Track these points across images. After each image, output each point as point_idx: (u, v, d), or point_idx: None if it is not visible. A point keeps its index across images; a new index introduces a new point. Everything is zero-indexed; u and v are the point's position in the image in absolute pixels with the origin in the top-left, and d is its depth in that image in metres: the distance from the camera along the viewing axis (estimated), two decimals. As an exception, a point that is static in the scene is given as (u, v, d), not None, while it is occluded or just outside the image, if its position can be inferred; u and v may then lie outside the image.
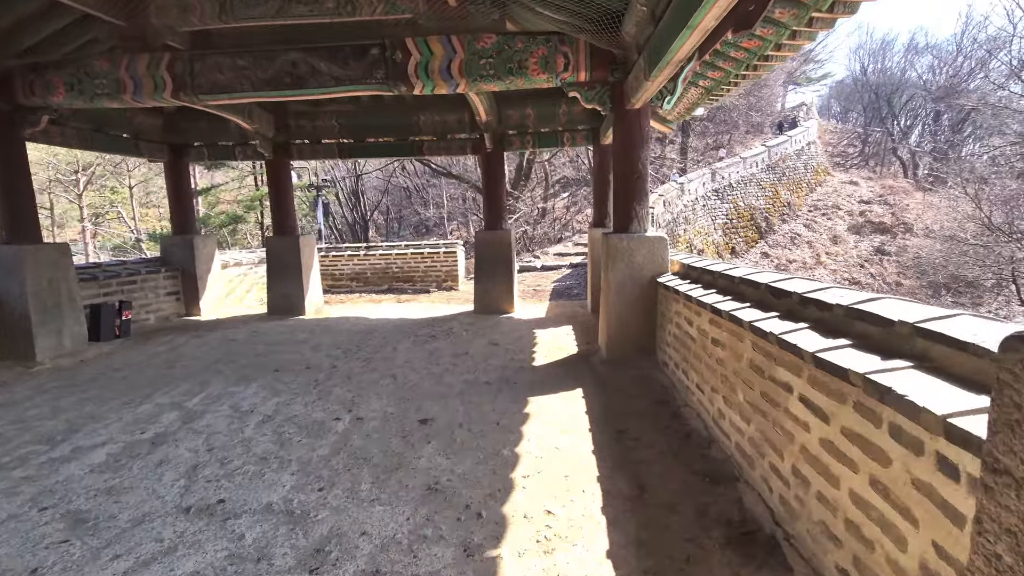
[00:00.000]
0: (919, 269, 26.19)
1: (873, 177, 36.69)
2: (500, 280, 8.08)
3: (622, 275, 5.43)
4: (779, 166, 30.33)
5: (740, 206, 26.56)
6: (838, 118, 53.57)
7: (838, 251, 27.29)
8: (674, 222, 21.43)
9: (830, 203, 30.98)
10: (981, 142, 40.14)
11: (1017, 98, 34.79)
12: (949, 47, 42.10)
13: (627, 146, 5.44)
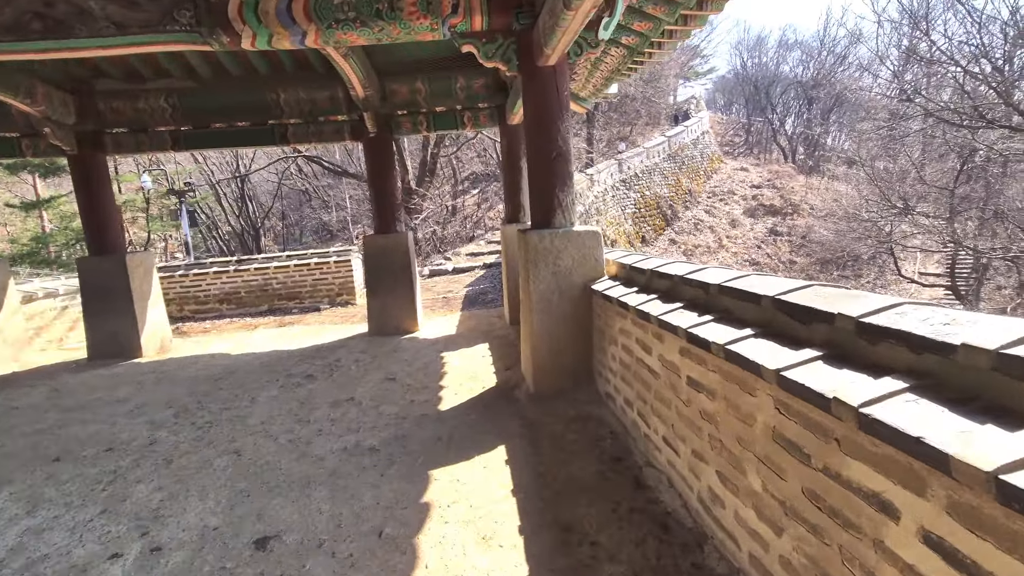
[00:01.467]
0: (808, 248, 27.52)
1: (760, 163, 38.53)
2: (399, 294, 6.51)
3: (547, 284, 4.10)
4: (678, 155, 30.77)
5: (647, 195, 26.50)
6: (723, 110, 56.30)
7: (737, 234, 28.06)
8: (587, 213, 20.70)
9: (726, 189, 31.95)
10: (847, 128, 43.51)
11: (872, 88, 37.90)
12: (814, 43, 45.24)
13: (542, 115, 4.10)
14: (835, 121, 46.23)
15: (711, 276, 2.77)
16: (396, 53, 6.20)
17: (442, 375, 5.05)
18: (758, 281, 2.42)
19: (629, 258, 4.12)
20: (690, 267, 3.21)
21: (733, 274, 2.71)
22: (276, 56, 6.08)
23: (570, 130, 4.29)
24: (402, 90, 6.44)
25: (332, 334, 7.18)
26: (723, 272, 2.82)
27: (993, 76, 17.73)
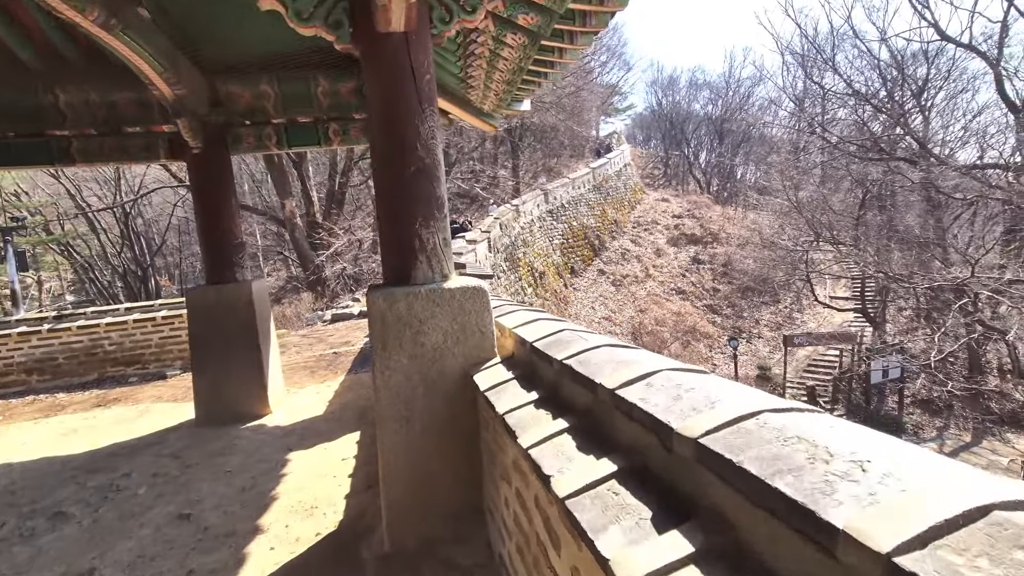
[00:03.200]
0: (730, 275, 27.71)
1: (679, 194, 39.29)
2: (238, 367, 4.68)
3: (404, 375, 2.52)
4: (603, 186, 30.52)
5: (574, 225, 25.75)
6: (642, 144, 57.97)
7: (662, 263, 27.86)
8: (513, 245, 19.49)
9: (649, 219, 31.99)
10: (756, 161, 45.65)
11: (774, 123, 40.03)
12: (721, 83, 47.57)
13: (391, 108, 2.57)
14: (744, 154, 48.49)
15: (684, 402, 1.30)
16: (234, 45, 4.55)
17: (268, 503, 3.27)
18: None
19: (534, 328, 2.63)
20: (629, 353, 1.75)
21: (725, 392, 1.26)
22: (48, 42, 4.25)
23: (439, 136, 2.79)
24: (244, 94, 4.75)
25: (155, 420, 5.17)
26: (707, 386, 1.36)
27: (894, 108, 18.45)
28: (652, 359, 1.79)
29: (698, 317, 23.37)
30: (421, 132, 2.58)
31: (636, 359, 1.77)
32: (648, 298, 23.80)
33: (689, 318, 22.71)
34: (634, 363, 1.71)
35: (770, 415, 1.14)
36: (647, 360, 1.76)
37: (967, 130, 21.07)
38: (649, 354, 1.92)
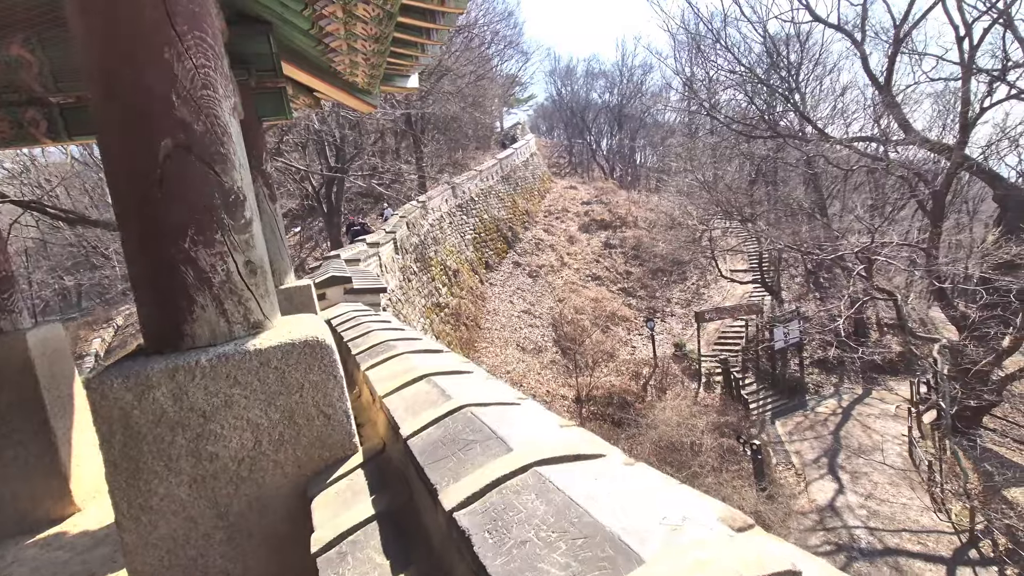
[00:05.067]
0: (641, 258, 28.14)
1: (585, 181, 39.64)
2: (17, 453, 3.21)
3: (182, 517, 1.38)
4: (512, 177, 29.84)
5: (485, 219, 24.82)
6: (546, 134, 58.22)
7: (576, 250, 27.71)
8: (423, 244, 18.19)
9: (560, 207, 31.82)
10: (654, 146, 47.17)
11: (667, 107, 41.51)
12: (615, 72, 48.59)
13: (112, 30, 1.40)
14: (642, 139, 50.01)
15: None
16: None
17: None
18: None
19: (418, 395, 1.59)
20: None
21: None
22: None
23: (232, 94, 1.64)
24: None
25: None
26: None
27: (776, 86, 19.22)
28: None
29: (615, 301, 23.39)
30: (180, 77, 1.42)
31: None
32: (566, 287, 23.46)
33: (607, 303, 22.64)
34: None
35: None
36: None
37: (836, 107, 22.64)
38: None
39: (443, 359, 2.24)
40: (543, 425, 1.38)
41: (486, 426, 1.32)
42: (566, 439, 1.22)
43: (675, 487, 0.97)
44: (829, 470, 15.24)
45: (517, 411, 1.50)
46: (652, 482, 1.00)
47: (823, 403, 19.36)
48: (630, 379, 17.97)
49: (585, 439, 1.24)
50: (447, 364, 2.11)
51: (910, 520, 12.84)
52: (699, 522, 0.79)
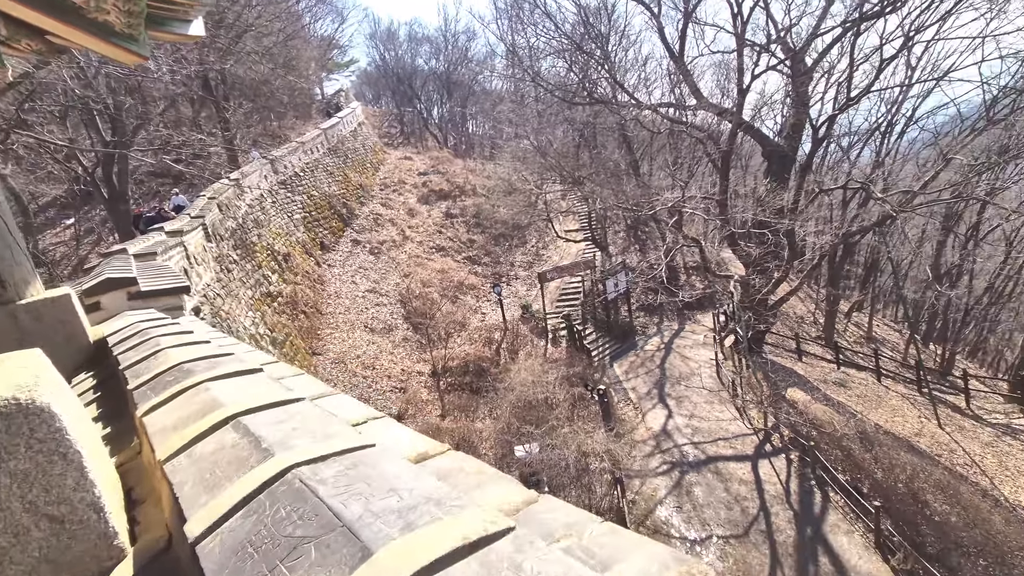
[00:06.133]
0: (482, 225, 28.41)
1: (420, 151, 38.55)
2: None
3: None
4: (340, 149, 27.66)
5: (315, 195, 22.69)
6: (373, 103, 55.13)
7: (417, 223, 26.95)
8: (242, 228, 15.91)
9: (396, 179, 30.53)
10: (484, 113, 47.43)
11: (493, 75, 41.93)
12: (439, 37, 47.42)
13: None
14: (473, 107, 50.00)
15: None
16: None
17: None
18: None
19: (219, 450, 1.08)
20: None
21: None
22: None
23: None
24: None
25: None
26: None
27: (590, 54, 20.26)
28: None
29: (461, 271, 23.36)
30: None
31: None
32: (410, 261, 22.73)
33: (453, 273, 22.50)
34: None
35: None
36: None
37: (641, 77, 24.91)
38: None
39: (260, 384, 1.70)
40: (417, 481, 1.00)
41: (324, 505, 0.90)
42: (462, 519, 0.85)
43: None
44: (659, 399, 17.29)
45: (372, 460, 1.09)
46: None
47: (649, 341, 21.85)
48: (483, 346, 18.21)
49: (489, 512, 0.88)
50: (265, 392, 1.59)
51: (723, 430, 15.18)
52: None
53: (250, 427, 1.31)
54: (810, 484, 12.60)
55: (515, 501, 1.13)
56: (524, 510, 1.10)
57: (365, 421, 1.67)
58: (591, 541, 0.96)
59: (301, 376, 2.23)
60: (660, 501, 12.68)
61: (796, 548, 10.92)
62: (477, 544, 0.77)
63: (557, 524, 1.03)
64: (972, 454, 14.21)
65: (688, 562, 0.88)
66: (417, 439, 1.52)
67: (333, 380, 14.54)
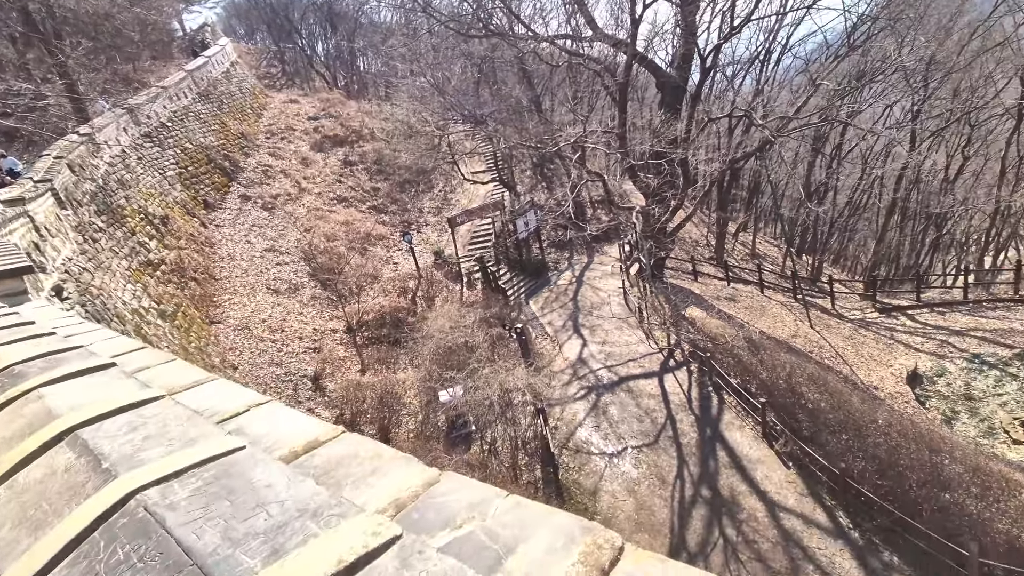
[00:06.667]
0: (385, 172, 26.98)
1: (307, 93, 35.26)
2: None
3: None
4: (212, 93, 24.55)
5: (189, 148, 20.19)
6: (246, 39, 49.11)
7: (313, 173, 25.04)
8: (103, 190, 13.84)
9: (283, 126, 27.86)
10: (376, 51, 43.88)
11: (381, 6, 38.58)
12: (315, -38, 42.34)
13: None
14: (362, 41, 46.03)
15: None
16: None
17: None
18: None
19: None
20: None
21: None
22: None
23: None
24: None
25: None
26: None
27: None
28: None
29: (367, 221, 22.29)
30: None
31: None
32: (310, 215, 21.26)
33: (359, 225, 21.42)
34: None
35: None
36: None
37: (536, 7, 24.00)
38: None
39: (111, 383, 1.42)
40: (292, 489, 0.85)
41: (172, 538, 0.73)
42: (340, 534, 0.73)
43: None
44: (574, 330, 18.07)
45: (240, 468, 0.92)
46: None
47: (562, 276, 22.52)
48: (398, 296, 17.80)
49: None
50: (116, 393, 1.33)
51: (632, 352, 16.26)
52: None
53: (90, 443, 1.08)
54: (708, 391, 13.97)
55: (414, 485, 1.04)
56: (424, 495, 1.01)
57: (247, 410, 1.48)
58: (495, 521, 0.89)
59: (171, 363, 1.95)
60: (580, 423, 13.52)
61: (698, 447, 12.21)
62: (355, 567, 0.65)
63: (459, 506, 0.95)
64: (836, 348, 16.41)
65: (594, 531, 0.83)
66: (308, 424, 1.37)
67: (239, 348, 13.61)
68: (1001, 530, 8.33)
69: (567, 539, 0.82)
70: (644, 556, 0.78)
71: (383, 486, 1.04)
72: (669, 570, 0.74)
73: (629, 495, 11.13)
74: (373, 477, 1.08)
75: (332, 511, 0.78)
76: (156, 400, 1.31)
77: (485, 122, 23.66)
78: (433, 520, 0.91)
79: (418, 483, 1.04)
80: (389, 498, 0.99)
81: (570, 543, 0.81)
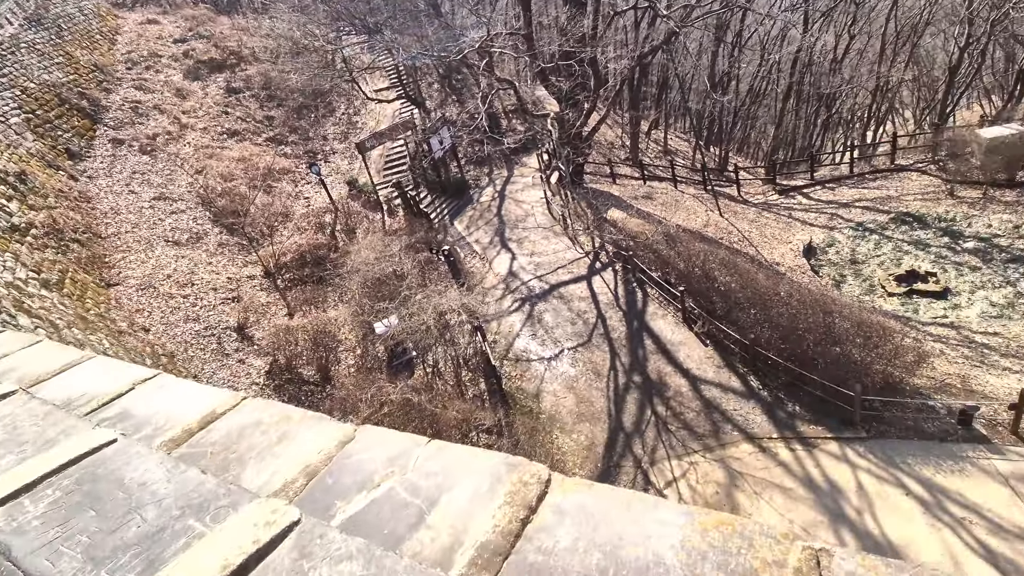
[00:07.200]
0: (277, 97, 24.30)
1: (167, 10, 30.21)
2: None
3: None
4: (45, 17, 20.46)
5: (32, 88, 17.04)
6: (76, -55, 40.44)
7: (193, 106, 22.13)
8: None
9: (146, 52, 23.97)
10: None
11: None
12: None
13: None
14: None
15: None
16: None
17: None
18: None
19: None
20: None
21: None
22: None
23: None
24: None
25: None
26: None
27: None
28: None
29: (267, 155, 20.36)
30: None
31: None
32: (199, 154, 19.07)
33: (258, 160, 19.53)
34: None
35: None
36: None
37: None
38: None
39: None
40: (172, 483, 0.72)
41: (19, 572, 0.60)
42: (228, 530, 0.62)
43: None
44: (502, 245, 18.11)
45: (110, 466, 0.78)
46: None
47: (484, 193, 22.09)
48: (316, 232, 16.83)
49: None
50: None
51: (560, 259, 16.62)
52: None
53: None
54: (632, 287, 14.72)
55: (327, 447, 0.94)
56: (338, 456, 0.92)
57: (131, 388, 1.29)
58: (417, 472, 0.82)
59: (36, 345, 1.68)
60: (517, 334, 13.96)
61: (628, 339, 13.06)
62: (245, 568, 0.56)
63: (377, 463, 0.87)
64: (743, 232, 17.61)
65: (519, 467, 0.78)
66: (204, 396, 1.22)
67: (146, 309, 12.53)
68: (878, 371, 9.73)
69: (493, 480, 0.77)
70: (571, 485, 0.74)
71: (292, 454, 0.94)
72: (594, 494, 0.71)
73: (569, 391, 11.87)
74: (281, 445, 0.97)
75: (220, 502, 0.68)
76: (5, 398, 1.10)
77: (381, 31, 21.58)
78: (348, 484, 0.84)
79: (331, 444, 0.95)
80: (299, 466, 0.90)
81: (496, 484, 0.76)
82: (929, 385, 10.12)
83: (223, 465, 0.92)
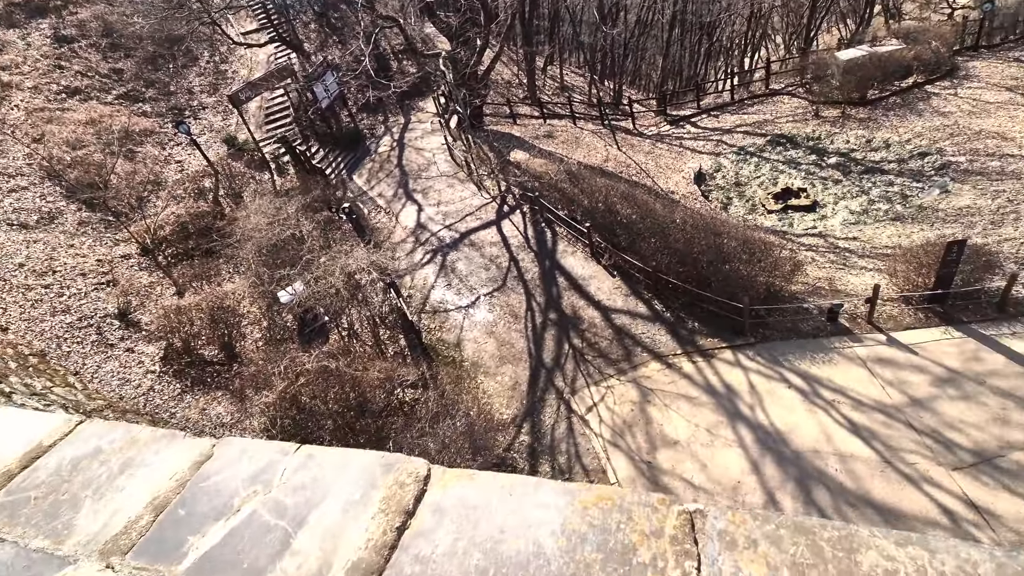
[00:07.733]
0: (123, 46, 20.83)
1: (-47, -62, 24.30)
2: None
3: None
4: None
5: None
6: None
7: (14, 59, 18.44)
8: None
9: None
10: None
11: None
12: None
13: None
14: None
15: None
16: None
17: None
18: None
19: None
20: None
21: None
22: None
23: None
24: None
25: None
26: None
27: None
28: None
29: (122, 115, 17.67)
30: None
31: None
32: (34, 119, 16.16)
33: (111, 121, 16.90)
34: None
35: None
36: None
37: None
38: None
39: None
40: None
41: None
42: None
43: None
44: (407, 197, 17.45)
45: None
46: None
47: (381, 143, 20.90)
48: (195, 200, 15.17)
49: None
50: None
51: (468, 206, 16.36)
52: None
53: None
54: (541, 227, 14.91)
55: (180, 470, 0.82)
56: (193, 479, 0.80)
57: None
58: (283, 488, 0.73)
59: None
60: (432, 286, 13.78)
61: (541, 279, 13.35)
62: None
63: (238, 482, 0.77)
64: (640, 164, 18.24)
65: (396, 467, 0.72)
66: (28, 425, 1.02)
67: (1, 308, 10.81)
68: (762, 282, 10.78)
69: (367, 485, 0.70)
70: (452, 478, 0.69)
71: (138, 485, 0.81)
72: (476, 484, 0.67)
73: (489, 337, 12.05)
74: (125, 475, 0.83)
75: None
76: None
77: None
78: (204, 512, 0.73)
79: (186, 465, 0.83)
80: (146, 499, 0.77)
81: (370, 490, 0.69)
82: (804, 290, 11.40)
83: (51, 511, 0.77)
